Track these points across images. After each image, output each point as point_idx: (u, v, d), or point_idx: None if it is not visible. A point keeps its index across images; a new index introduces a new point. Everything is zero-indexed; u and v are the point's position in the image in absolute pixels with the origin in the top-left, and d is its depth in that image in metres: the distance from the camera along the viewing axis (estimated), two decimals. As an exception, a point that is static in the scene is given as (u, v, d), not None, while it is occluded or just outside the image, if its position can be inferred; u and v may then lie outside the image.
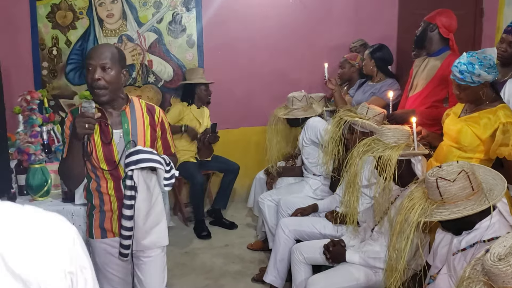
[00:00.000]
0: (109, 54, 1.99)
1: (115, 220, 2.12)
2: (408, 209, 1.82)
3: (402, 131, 2.33)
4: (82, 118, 1.90)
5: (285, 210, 3.36)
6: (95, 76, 1.95)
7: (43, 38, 4.60)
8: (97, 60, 1.96)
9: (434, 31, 3.18)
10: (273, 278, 3.09)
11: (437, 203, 1.76)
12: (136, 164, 1.93)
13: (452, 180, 1.73)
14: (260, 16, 4.85)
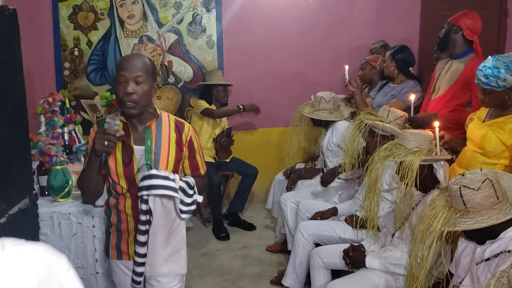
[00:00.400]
0: (143, 67, 1.89)
1: (131, 242, 2.00)
2: (431, 218, 1.79)
3: (424, 136, 2.29)
4: (103, 135, 1.82)
5: (304, 213, 3.34)
6: (128, 89, 1.85)
7: (65, 39, 4.65)
8: (130, 72, 1.86)
9: (458, 33, 3.12)
10: (292, 282, 3.07)
11: (461, 212, 1.73)
12: (148, 190, 1.83)
13: (477, 189, 1.69)
14: (280, 17, 4.83)
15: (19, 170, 2.22)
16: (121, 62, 1.91)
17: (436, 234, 1.74)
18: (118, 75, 1.88)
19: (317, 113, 3.61)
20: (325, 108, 3.60)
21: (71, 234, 2.73)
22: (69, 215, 2.72)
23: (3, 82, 2.03)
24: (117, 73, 1.90)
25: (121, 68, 1.88)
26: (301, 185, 3.90)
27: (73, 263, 2.73)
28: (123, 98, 1.87)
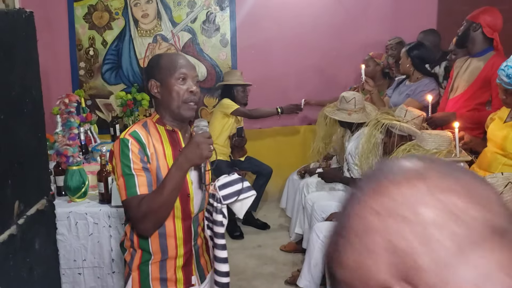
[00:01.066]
0: (195, 68, 1.78)
1: (179, 267, 1.78)
2: None
3: (443, 137, 2.26)
4: (209, 139, 1.64)
5: (320, 214, 3.31)
6: (193, 88, 1.69)
7: (80, 39, 4.68)
8: (191, 71, 1.72)
9: (477, 30, 3.05)
10: (307, 283, 3.05)
11: None
12: (239, 195, 1.68)
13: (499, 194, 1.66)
14: (294, 14, 4.80)
15: (37, 171, 2.22)
16: (177, 60, 1.73)
17: None
18: (177, 73, 1.68)
19: (336, 112, 3.41)
20: (345, 108, 3.34)
21: (88, 234, 2.75)
22: (86, 215, 2.73)
23: (20, 85, 2.04)
24: (171, 72, 1.69)
25: (180, 65, 1.69)
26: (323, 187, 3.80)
27: (89, 263, 2.78)
28: (187, 98, 1.68)
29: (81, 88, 4.69)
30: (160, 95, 1.72)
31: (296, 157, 4.90)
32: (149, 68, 1.77)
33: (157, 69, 1.72)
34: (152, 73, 1.74)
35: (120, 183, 1.64)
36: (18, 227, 2.01)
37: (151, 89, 1.73)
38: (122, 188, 1.63)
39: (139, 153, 1.64)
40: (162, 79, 1.70)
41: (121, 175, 1.63)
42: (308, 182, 3.86)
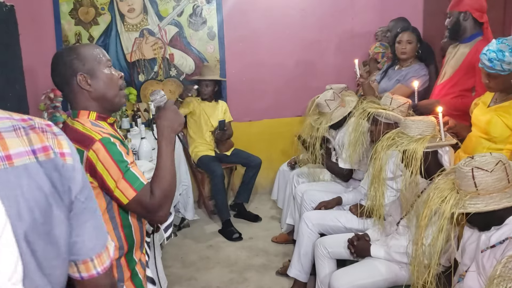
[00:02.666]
0: None
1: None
2: (438, 201, 1.76)
3: (426, 123, 2.26)
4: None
5: (309, 203, 3.32)
6: (121, 74, 1.71)
7: (67, 34, 4.64)
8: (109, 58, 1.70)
9: (467, 19, 3.05)
10: (297, 272, 3.06)
11: (470, 195, 1.70)
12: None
13: (490, 171, 1.67)
14: (281, 5, 4.79)
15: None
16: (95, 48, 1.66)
17: (446, 216, 1.71)
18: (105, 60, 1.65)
19: (333, 116, 3.38)
20: (325, 112, 3.40)
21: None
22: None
23: (3, 79, 2.03)
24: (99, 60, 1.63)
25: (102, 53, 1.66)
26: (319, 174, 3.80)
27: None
28: (121, 84, 1.70)
29: (68, 84, 4.66)
30: (94, 88, 1.60)
31: (286, 149, 4.91)
32: (68, 63, 1.59)
33: (80, 62, 1.59)
34: (75, 67, 1.59)
35: (122, 185, 1.49)
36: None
37: (80, 83, 1.59)
38: (127, 187, 1.50)
39: (124, 147, 1.56)
40: (92, 70, 1.60)
41: (121, 177, 1.50)
42: (298, 173, 3.87)
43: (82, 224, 1.03)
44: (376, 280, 2.35)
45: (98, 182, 1.51)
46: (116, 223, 1.59)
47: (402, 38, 3.68)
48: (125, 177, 1.49)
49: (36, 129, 0.96)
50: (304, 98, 4.34)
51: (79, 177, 1.01)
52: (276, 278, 3.37)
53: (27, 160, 0.91)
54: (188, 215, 4.33)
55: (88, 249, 1.05)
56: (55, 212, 0.94)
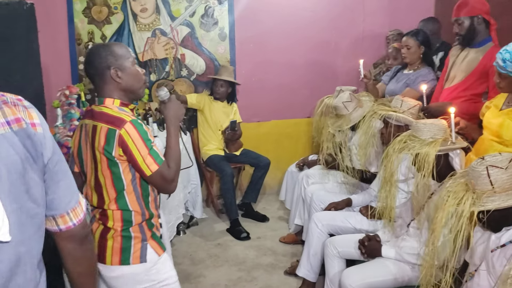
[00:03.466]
0: None
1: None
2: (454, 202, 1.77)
3: (438, 126, 2.27)
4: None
5: (318, 204, 3.34)
6: (144, 70, 2.05)
7: (80, 33, 4.69)
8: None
9: (481, 24, 3.07)
10: (306, 272, 3.08)
11: (487, 193, 1.72)
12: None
13: (505, 168, 1.69)
14: (292, 7, 4.82)
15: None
16: (124, 47, 1.98)
17: (465, 216, 1.72)
18: (131, 58, 1.95)
19: (351, 118, 3.35)
20: (353, 107, 3.37)
21: (89, 224, 2.77)
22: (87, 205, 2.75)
23: (22, 75, 2.07)
24: (127, 57, 1.93)
25: (129, 51, 1.97)
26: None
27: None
28: (145, 78, 2.04)
29: (80, 82, 4.70)
30: (122, 80, 1.89)
31: (294, 149, 4.94)
32: (103, 57, 1.88)
33: (113, 57, 1.88)
34: (109, 61, 1.88)
35: (148, 160, 1.81)
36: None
37: (112, 76, 1.87)
38: (152, 162, 1.82)
39: (148, 128, 1.88)
40: (122, 65, 1.89)
41: (147, 152, 1.81)
42: (307, 174, 3.89)
43: (56, 183, 1.19)
44: (387, 279, 2.37)
45: (127, 157, 1.81)
46: (138, 193, 1.90)
47: (402, 42, 3.74)
48: (150, 153, 1.81)
49: (8, 104, 1.11)
50: (313, 99, 4.37)
51: (49, 144, 1.16)
52: (284, 278, 3.39)
53: (3, 131, 1.06)
54: (197, 214, 4.37)
55: (64, 204, 1.22)
56: (30, 174, 1.10)
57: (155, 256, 1.92)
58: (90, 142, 1.87)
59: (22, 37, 2.09)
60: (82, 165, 1.97)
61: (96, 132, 1.83)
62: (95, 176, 1.89)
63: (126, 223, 1.89)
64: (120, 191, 1.87)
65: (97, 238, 1.91)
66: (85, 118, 1.95)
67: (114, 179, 1.86)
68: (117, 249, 1.88)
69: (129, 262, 1.88)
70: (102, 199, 1.90)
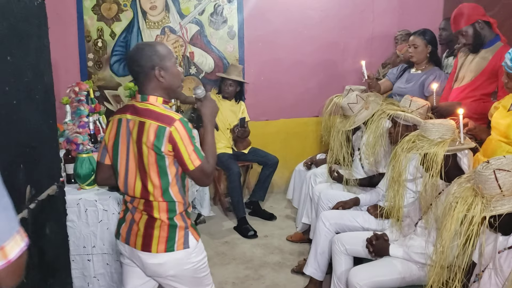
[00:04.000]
0: None
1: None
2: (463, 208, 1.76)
3: (446, 126, 2.26)
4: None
5: (326, 203, 3.34)
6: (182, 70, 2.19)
7: (89, 30, 4.72)
8: None
9: (483, 27, 3.07)
10: (314, 271, 3.08)
11: (495, 197, 1.70)
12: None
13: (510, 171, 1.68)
14: (302, 6, 4.82)
15: (48, 156, 2.27)
16: (167, 46, 2.07)
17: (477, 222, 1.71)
18: (173, 58, 2.05)
19: (356, 119, 3.34)
20: (358, 109, 3.35)
21: (97, 220, 2.79)
22: (95, 202, 2.78)
23: (33, 71, 2.08)
24: (170, 58, 2.03)
25: (171, 51, 2.06)
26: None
27: (99, 250, 2.81)
28: (183, 78, 2.15)
29: (89, 79, 4.73)
30: (165, 79, 2.00)
31: (302, 148, 4.94)
32: (149, 57, 1.98)
33: (158, 57, 1.98)
34: (154, 61, 1.98)
35: (192, 156, 1.95)
36: (30, 211, 2.05)
37: (157, 76, 1.98)
38: (196, 158, 1.95)
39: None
40: (165, 65, 1.99)
41: (192, 149, 1.94)
42: (315, 173, 3.89)
43: None
44: (394, 278, 2.36)
45: (175, 152, 1.93)
46: (180, 185, 2.03)
47: (409, 41, 3.73)
48: (194, 150, 1.94)
49: None
50: (321, 98, 4.37)
51: None
52: (292, 276, 3.40)
53: None
54: (204, 211, 4.37)
55: None
56: None
57: (195, 241, 2.06)
58: (136, 137, 1.96)
59: (33, 33, 2.10)
60: (115, 158, 2.06)
61: (144, 128, 1.93)
62: (139, 168, 1.99)
63: (171, 213, 2.02)
64: (165, 184, 1.99)
65: (142, 228, 2.03)
66: (126, 113, 2.03)
67: (160, 172, 1.97)
68: (163, 238, 2.01)
69: (174, 249, 2.01)
70: (147, 191, 2.00)
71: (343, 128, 3.40)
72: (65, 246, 2.53)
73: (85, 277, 2.85)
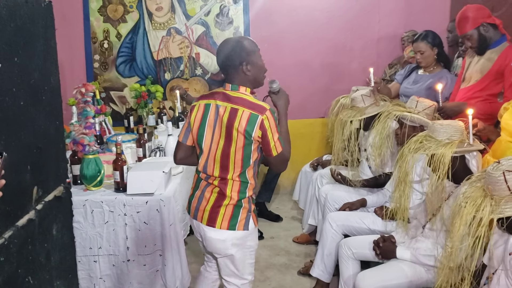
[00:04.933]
0: None
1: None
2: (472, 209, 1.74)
3: (455, 127, 2.23)
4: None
5: (332, 204, 3.32)
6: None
7: (95, 31, 4.73)
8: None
9: (488, 29, 3.05)
10: (320, 273, 3.07)
11: (505, 199, 1.68)
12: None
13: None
14: (308, 8, 4.80)
15: (55, 157, 2.27)
16: (252, 41, 2.22)
17: (485, 224, 1.69)
18: (258, 52, 2.20)
19: (366, 111, 3.30)
20: (370, 102, 3.32)
21: (103, 222, 2.78)
22: (102, 203, 2.77)
23: (39, 73, 2.08)
24: (256, 52, 2.18)
25: (256, 45, 2.21)
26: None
27: (105, 251, 2.80)
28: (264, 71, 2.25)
29: (95, 80, 4.75)
30: (251, 73, 2.17)
31: (308, 149, 4.92)
32: (237, 53, 2.15)
33: (245, 53, 2.16)
34: (242, 57, 2.15)
35: (277, 143, 2.14)
36: (37, 212, 2.05)
37: (245, 70, 2.16)
38: (279, 145, 2.14)
39: None
40: (251, 60, 2.16)
41: (277, 137, 2.13)
42: (321, 174, 3.87)
43: None
44: (402, 282, 2.34)
45: (263, 139, 2.11)
46: (255, 171, 2.23)
47: (413, 48, 3.71)
48: (278, 138, 2.13)
49: None
50: (327, 99, 4.35)
51: None
52: (298, 278, 3.38)
53: None
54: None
55: None
56: None
57: (253, 226, 2.25)
58: (226, 121, 2.12)
59: (40, 35, 2.11)
60: (200, 140, 2.22)
61: (237, 115, 2.10)
62: (222, 150, 2.16)
63: (242, 194, 2.20)
64: (245, 166, 2.17)
65: (212, 203, 2.21)
66: (215, 99, 2.20)
67: (245, 155, 2.14)
68: (228, 216, 2.19)
69: (235, 228, 2.19)
70: (226, 171, 2.17)
71: (352, 118, 3.34)
72: (72, 247, 2.53)
73: (91, 278, 2.85)
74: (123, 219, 2.78)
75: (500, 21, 3.07)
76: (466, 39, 3.13)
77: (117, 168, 2.80)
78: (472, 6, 3.13)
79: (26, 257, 1.95)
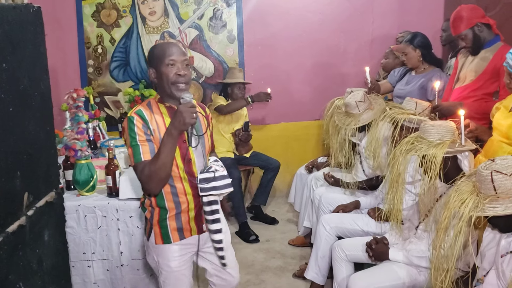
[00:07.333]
0: (185, 53, 2.10)
1: (192, 219, 2.16)
2: (458, 203, 1.75)
3: (446, 128, 2.23)
4: (190, 108, 1.91)
5: (326, 206, 3.32)
6: (181, 71, 2.03)
7: (89, 36, 4.72)
8: (180, 57, 2.04)
9: (483, 29, 3.06)
10: (314, 275, 3.06)
11: (490, 198, 1.68)
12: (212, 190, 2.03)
13: (509, 174, 1.65)
14: (301, 10, 4.81)
15: (45, 163, 2.26)
16: (167, 48, 2.05)
17: (465, 219, 1.70)
18: (166, 60, 2.02)
19: (361, 118, 3.27)
20: (364, 108, 3.28)
21: (96, 227, 2.78)
22: (94, 208, 2.77)
23: (29, 78, 2.08)
24: (162, 59, 2.03)
25: (168, 53, 2.03)
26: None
27: (98, 256, 2.80)
28: (176, 80, 2.03)
29: (89, 85, 4.74)
30: (157, 80, 2.09)
31: (303, 152, 4.92)
32: (148, 58, 2.12)
33: (152, 59, 2.08)
34: (149, 62, 2.10)
35: (129, 152, 2.01)
36: (28, 218, 2.05)
37: (150, 76, 2.10)
38: (131, 156, 2.00)
39: (143, 128, 2.00)
40: (156, 67, 2.06)
41: (129, 146, 2.00)
42: (316, 176, 3.87)
43: None
44: (395, 284, 2.34)
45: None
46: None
47: (399, 50, 3.76)
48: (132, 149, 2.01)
49: None
50: (322, 101, 4.34)
51: None
52: (293, 281, 3.37)
53: None
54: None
55: None
56: None
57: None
58: None
59: (29, 40, 2.10)
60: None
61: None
62: None
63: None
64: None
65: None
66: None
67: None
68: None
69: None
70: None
71: (347, 126, 3.31)
72: (65, 253, 2.52)
73: (86, 283, 2.85)
74: (116, 224, 2.77)
75: (494, 21, 3.08)
76: (461, 39, 3.13)
77: (109, 173, 2.80)
78: (466, 6, 3.13)
79: (16, 263, 1.95)
